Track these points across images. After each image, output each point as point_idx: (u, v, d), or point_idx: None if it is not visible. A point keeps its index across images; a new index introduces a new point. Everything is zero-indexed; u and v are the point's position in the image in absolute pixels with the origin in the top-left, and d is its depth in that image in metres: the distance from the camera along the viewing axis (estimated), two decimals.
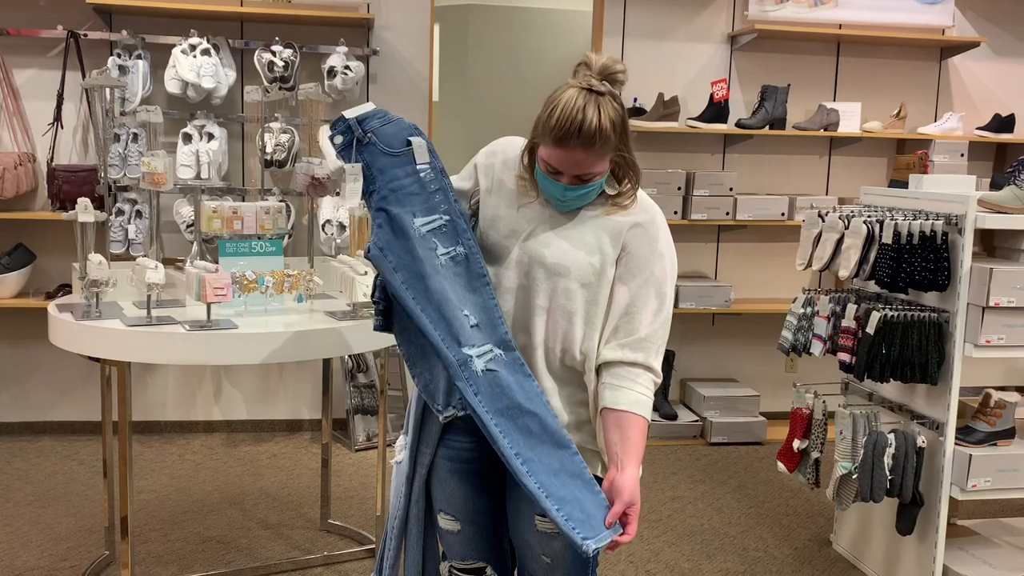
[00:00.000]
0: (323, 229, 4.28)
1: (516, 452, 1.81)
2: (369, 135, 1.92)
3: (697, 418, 4.86)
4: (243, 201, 4.12)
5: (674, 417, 4.82)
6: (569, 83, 1.81)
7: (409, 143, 1.92)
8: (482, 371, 1.84)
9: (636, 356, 1.86)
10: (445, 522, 2.04)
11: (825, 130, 4.86)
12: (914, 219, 3.01)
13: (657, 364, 1.89)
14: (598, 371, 1.89)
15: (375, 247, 1.88)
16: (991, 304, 2.90)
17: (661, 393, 4.88)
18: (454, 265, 1.88)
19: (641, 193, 1.94)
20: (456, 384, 1.84)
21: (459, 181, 2.06)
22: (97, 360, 2.85)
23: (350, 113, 1.93)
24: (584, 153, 1.79)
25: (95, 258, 2.71)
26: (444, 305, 1.86)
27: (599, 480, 1.93)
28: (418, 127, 1.97)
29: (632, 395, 1.85)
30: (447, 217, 1.90)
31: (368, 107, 1.95)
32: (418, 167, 1.91)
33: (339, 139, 1.94)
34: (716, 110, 4.74)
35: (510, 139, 2.03)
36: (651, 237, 1.89)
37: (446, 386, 1.92)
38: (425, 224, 1.88)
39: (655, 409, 4.86)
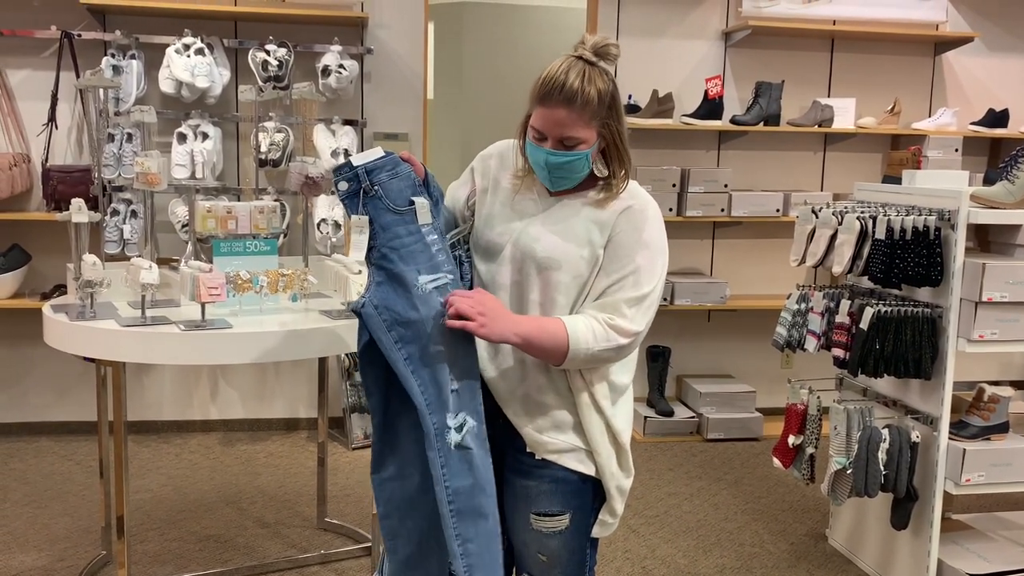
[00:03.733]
0: (318, 228, 4.28)
1: (458, 533, 1.85)
2: (376, 188, 1.85)
3: (693, 414, 4.87)
4: (238, 201, 4.12)
5: (670, 414, 4.82)
6: (562, 54, 1.86)
7: (412, 203, 1.87)
8: (455, 446, 1.84)
9: (601, 313, 1.85)
10: None
11: (819, 126, 4.87)
12: (907, 215, 3.01)
13: (623, 322, 1.84)
14: None
15: (370, 304, 1.83)
16: (984, 299, 2.91)
17: (658, 390, 4.89)
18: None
19: (635, 185, 1.95)
20: (427, 452, 1.84)
21: (457, 187, 2.08)
22: (92, 360, 2.85)
23: (358, 160, 1.86)
24: (566, 111, 1.80)
25: (89, 259, 2.71)
26: (438, 368, 1.83)
27: (589, 479, 1.95)
28: (422, 184, 1.90)
29: (574, 317, 1.85)
30: (451, 276, 1.87)
31: (376, 153, 1.88)
32: (421, 226, 1.86)
33: (344, 185, 1.86)
34: (710, 107, 4.75)
35: (505, 141, 2.04)
36: (637, 226, 1.87)
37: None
38: (430, 281, 1.84)
39: (651, 405, 4.87)
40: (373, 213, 1.85)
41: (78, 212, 2.81)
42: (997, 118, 5.03)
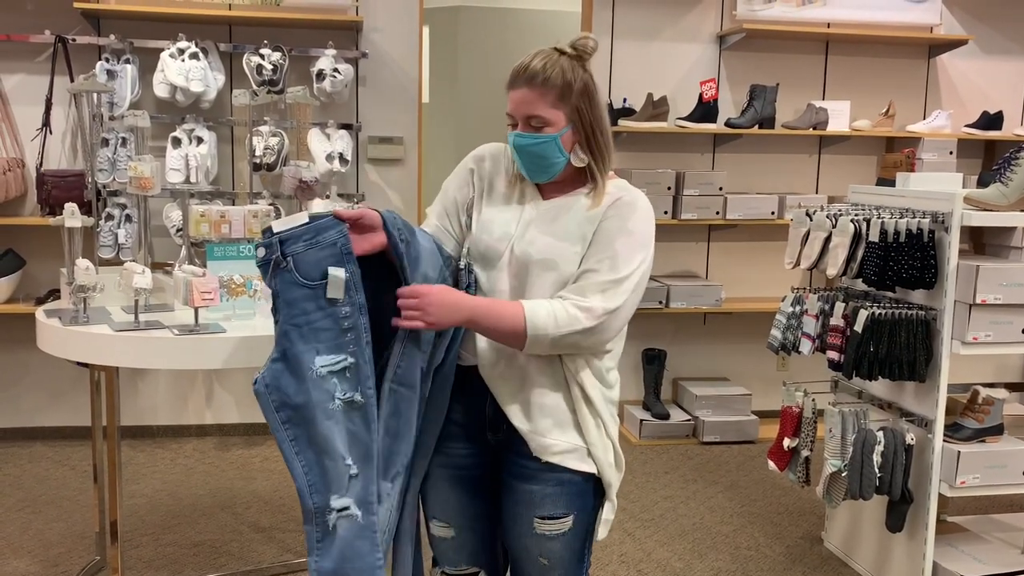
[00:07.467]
0: None
1: None
2: (288, 260, 1.74)
3: (689, 417, 4.87)
4: (233, 205, 4.12)
5: (666, 417, 4.82)
6: None
7: (326, 275, 1.75)
8: (332, 526, 1.81)
9: (570, 295, 1.84)
10: (438, 528, 2.05)
11: (814, 129, 4.88)
12: (901, 217, 3.02)
13: (590, 302, 1.82)
14: None
15: (261, 383, 1.77)
16: (978, 301, 2.91)
17: (653, 393, 4.89)
18: (349, 410, 1.80)
19: (625, 182, 1.97)
20: (304, 526, 1.83)
21: (456, 188, 2.03)
22: (85, 365, 2.85)
23: (278, 226, 1.75)
24: (527, 89, 1.86)
25: (82, 263, 2.71)
26: (326, 452, 1.79)
27: (591, 478, 1.95)
28: (350, 253, 1.76)
29: (537, 301, 1.84)
30: (352, 360, 1.79)
31: (299, 219, 1.75)
32: (332, 301, 1.76)
33: (261, 252, 1.75)
34: (705, 110, 4.75)
35: (494, 144, 2.05)
36: (623, 215, 1.88)
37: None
38: (327, 364, 1.78)
39: (647, 408, 4.87)
40: (280, 287, 1.76)
41: (71, 217, 2.80)
42: (991, 120, 5.04)
